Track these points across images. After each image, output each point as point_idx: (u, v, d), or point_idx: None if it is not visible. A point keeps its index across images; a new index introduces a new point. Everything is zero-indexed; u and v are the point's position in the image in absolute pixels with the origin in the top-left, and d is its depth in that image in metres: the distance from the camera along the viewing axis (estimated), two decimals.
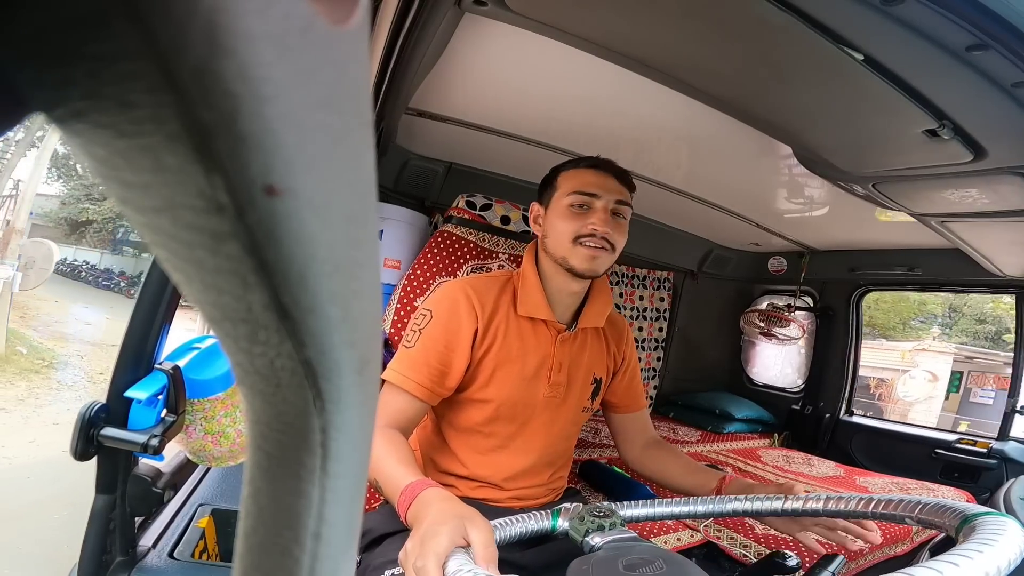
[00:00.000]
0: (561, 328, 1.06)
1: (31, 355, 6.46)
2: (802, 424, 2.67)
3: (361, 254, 0.15)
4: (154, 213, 0.11)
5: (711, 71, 1.06)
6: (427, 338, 0.97)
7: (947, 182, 1.28)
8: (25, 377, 5.77)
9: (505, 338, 1.01)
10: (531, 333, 1.04)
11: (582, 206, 0.99)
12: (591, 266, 0.99)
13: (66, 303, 10.32)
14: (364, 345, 0.16)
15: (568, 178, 1.02)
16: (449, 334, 0.98)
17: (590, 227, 0.97)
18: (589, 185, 0.99)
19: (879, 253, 2.43)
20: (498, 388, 1.01)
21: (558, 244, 1.00)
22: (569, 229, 0.98)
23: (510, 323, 1.03)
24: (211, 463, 0.97)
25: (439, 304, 1.00)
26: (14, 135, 11.31)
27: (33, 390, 5.48)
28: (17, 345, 6.52)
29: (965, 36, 0.75)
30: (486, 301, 1.01)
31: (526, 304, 1.03)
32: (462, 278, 1.07)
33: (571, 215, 0.99)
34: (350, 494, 0.18)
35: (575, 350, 1.08)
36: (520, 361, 1.02)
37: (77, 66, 0.09)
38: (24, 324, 7.73)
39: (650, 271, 2.66)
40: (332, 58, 0.12)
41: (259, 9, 0.10)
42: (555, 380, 1.05)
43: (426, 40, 1.02)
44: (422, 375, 0.95)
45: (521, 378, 1.02)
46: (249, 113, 0.10)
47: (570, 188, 1.00)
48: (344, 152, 0.13)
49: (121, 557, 0.91)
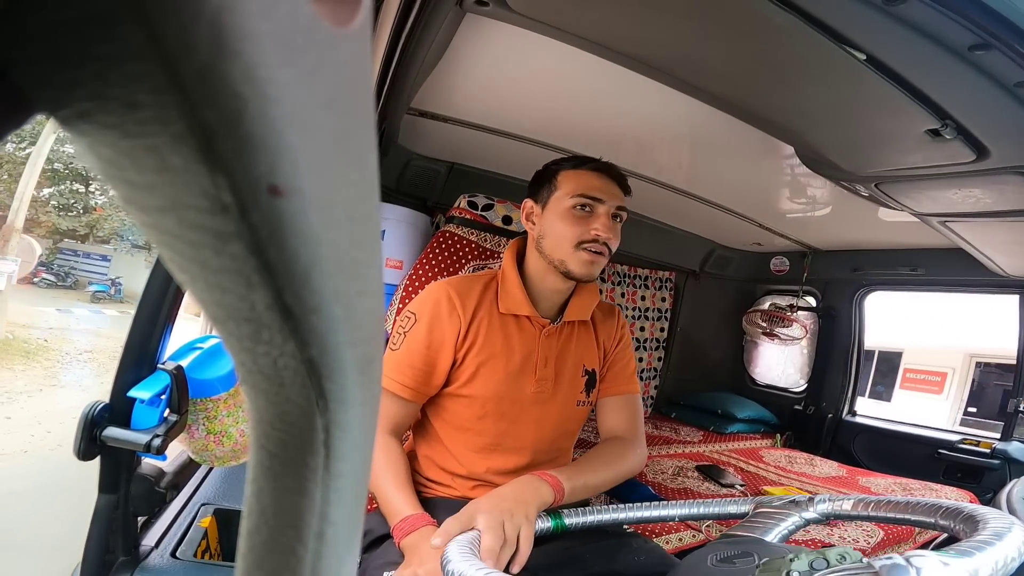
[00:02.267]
0: (545, 322, 1.05)
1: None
2: (804, 424, 2.67)
3: (364, 254, 0.15)
4: (159, 213, 0.11)
5: (713, 71, 1.05)
6: (411, 340, 1.00)
7: (950, 182, 1.27)
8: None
9: (488, 335, 1.01)
10: (515, 329, 1.04)
11: (585, 208, 0.98)
12: (590, 271, 0.99)
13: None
14: (367, 344, 0.16)
15: (570, 179, 1.01)
16: (432, 336, 0.99)
17: (594, 232, 0.97)
18: (594, 189, 0.99)
19: (882, 253, 2.43)
20: (483, 384, 1.01)
21: (557, 246, 1.00)
22: (572, 233, 0.98)
23: (493, 320, 1.03)
24: (213, 463, 0.97)
25: (422, 307, 1.02)
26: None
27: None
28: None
29: (967, 36, 0.75)
30: (468, 301, 1.01)
31: (506, 301, 1.03)
32: (445, 279, 1.06)
33: (574, 218, 0.98)
34: (353, 493, 0.18)
35: (561, 343, 1.07)
36: (504, 357, 1.02)
37: (83, 67, 0.09)
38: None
39: (652, 271, 2.65)
40: (335, 59, 0.12)
41: (264, 11, 0.10)
42: (541, 375, 1.04)
43: (428, 40, 1.02)
44: (407, 376, 0.98)
45: (506, 374, 1.02)
46: (254, 114, 0.10)
47: (573, 190, 0.99)
48: (347, 152, 0.13)
49: (124, 557, 0.91)
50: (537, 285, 1.05)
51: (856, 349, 2.62)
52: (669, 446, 2.21)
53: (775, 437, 2.59)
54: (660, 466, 1.97)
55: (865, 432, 2.51)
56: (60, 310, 11.27)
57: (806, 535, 1.46)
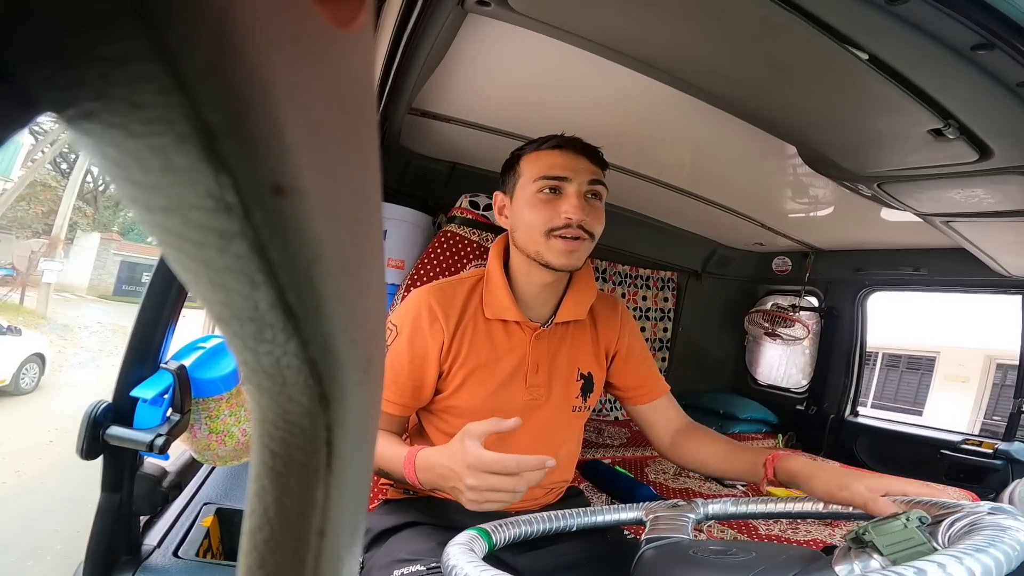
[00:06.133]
0: (535, 326, 0.99)
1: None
2: (807, 425, 2.66)
3: (366, 253, 0.15)
4: (164, 213, 0.11)
5: (715, 71, 1.05)
6: (393, 355, 0.94)
7: (953, 182, 1.27)
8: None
9: (473, 345, 0.95)
10: (503, 335, 0.98)
11: (552, 190, 0.91)
12: (568, 261, 0.91)
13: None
14: (368, 344, 0.16)
15: (531, 161, 0.94)
16: (415, 349, 0.94)
17: (564, 217, 0.89)
18: (556, 168, 0.91)
19: (884, 253, 2.42)
20: (471, 396, 0.96)
21: (529, 238, 0.92)
22: (539, 220, 0.90)
23: (478, 327, 0.96)
24: (216, 462, 0.97)
25: (403, 319, 0.95)
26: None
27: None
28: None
29: (970, 35, 0.74)
30: (451, 310, 0.95)
31: (492, 307, 0.96)
32: (429, 285, 1.00)
33: (540, 203, 0.91)
34: (354, 492, 0.18)
35: (553, 347, 1.01)
36: (492, 366, 0.96)
37: (88, 67, 0.09)
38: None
39: (654, 271, 2.65)
40: (338, 60, 0.12)
41: (267, 12, 0.10)
42: (532, 382, 0.98)
43: (429, 40, 1.02)
44: (392, 392, 0.93)
45: (494, 384, 0.96)
46: (257, 114, 0.10)
47: (535, 173, 0.92)
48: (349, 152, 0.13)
49: (126, 556, 0.92)
50: (523, 283, 0.98)
51: (858, 349, 2.61)
52: None
53: (777, 437, 2.59)
54: (662, 466, 1.97)
55: (867, 432, 2.50)
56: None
57: (808, 535, 1.46)
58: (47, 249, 12.07)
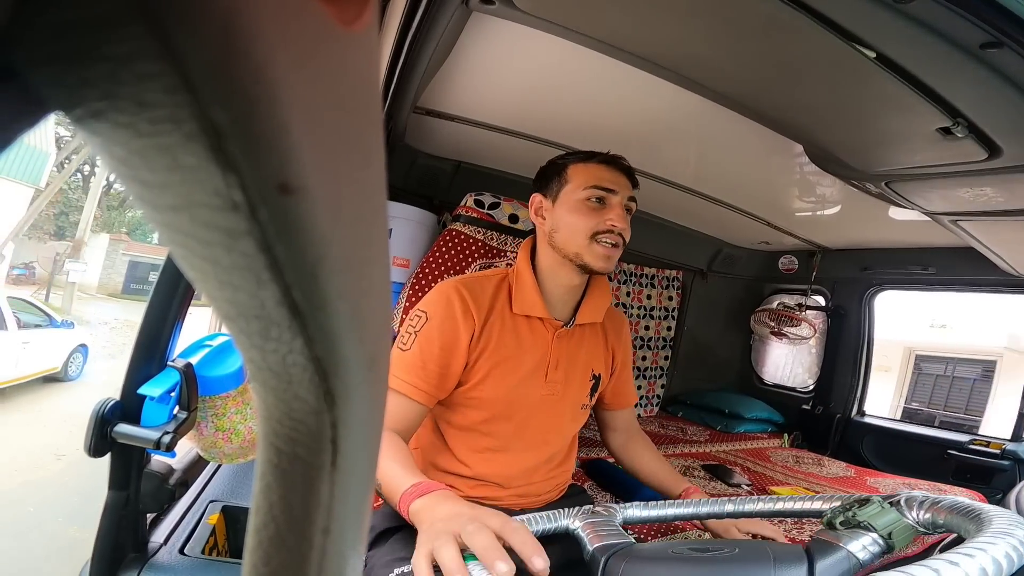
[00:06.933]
0: (558, 325, 1.05)
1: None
2: (813, 424, 2.65)
3: (371, 252, 0.15)
4: (171, 211, 0.11)
5: (721, 69, 1.05)
6: (423, 340, 0.96)
7: (961, 180, 1.26)
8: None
9: (500, 338, 1.00)
10: (527, 331, 1.03)
11: (599, 200, 0.99)
12: (607, 265, 0.99)
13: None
14: (373, 342, 0.16)
15: (581, 172, 1.01)
16: (445, 336, 0.96)
17: (608, 223, 0.97)
18: (605, 180, 0.99)
19: (892, 252, 2.40)
20: (494, 388, 1.00)
21: (571, 239, 0.99)
22: (587, 225, 0.98)
23: (505, 322, 1.01)
24: (222, 460, 0.98)
25: (434, 305, 0.99)
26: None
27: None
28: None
29: (979, 34, 0.74)
30: (481, 301, 1.00)
31: (521, 303, 1.02)
32: (455, 278, 1.04)
33: (588, 210, 0.98)
34: (359, 490, 0.18)
35: (572, 346, 1.07)
36: (516, 360, 1.01)
37: (95, 67, 0.09)
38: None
39: (659, 270, 2.65)
40: (343, 59, 0.12)
41: (273, 12, 0.10)
42: (552, 378, 1.04)
43: (434, 39, 1.02)
44: (419, 378, 0.94)
45: (517, 377, 1.01)
46: (263, 114, 0.10)
47: (585, 182, 0.99)
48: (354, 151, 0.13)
49: (133, 553, 0.92)
50: (549, 282, 1.04)
51: (865, 349, 2.60)
52: (676, 445, 2.21)
53: (783, 437, 2.58)
54: None
55: (874, 432, 2.49)
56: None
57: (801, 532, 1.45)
58: (71, 251, 12.80)
